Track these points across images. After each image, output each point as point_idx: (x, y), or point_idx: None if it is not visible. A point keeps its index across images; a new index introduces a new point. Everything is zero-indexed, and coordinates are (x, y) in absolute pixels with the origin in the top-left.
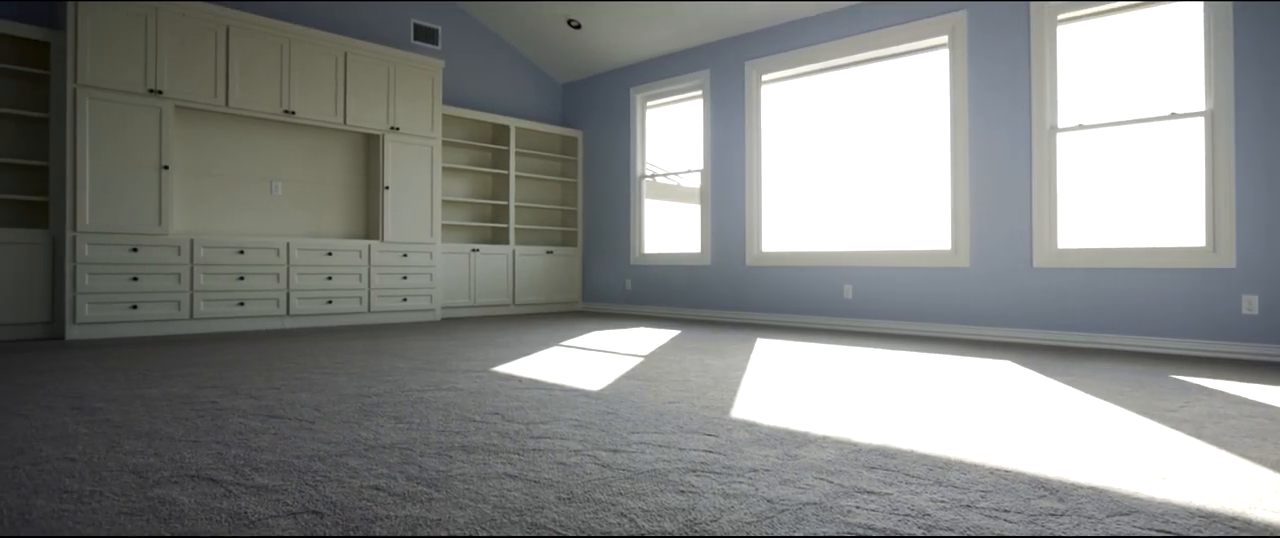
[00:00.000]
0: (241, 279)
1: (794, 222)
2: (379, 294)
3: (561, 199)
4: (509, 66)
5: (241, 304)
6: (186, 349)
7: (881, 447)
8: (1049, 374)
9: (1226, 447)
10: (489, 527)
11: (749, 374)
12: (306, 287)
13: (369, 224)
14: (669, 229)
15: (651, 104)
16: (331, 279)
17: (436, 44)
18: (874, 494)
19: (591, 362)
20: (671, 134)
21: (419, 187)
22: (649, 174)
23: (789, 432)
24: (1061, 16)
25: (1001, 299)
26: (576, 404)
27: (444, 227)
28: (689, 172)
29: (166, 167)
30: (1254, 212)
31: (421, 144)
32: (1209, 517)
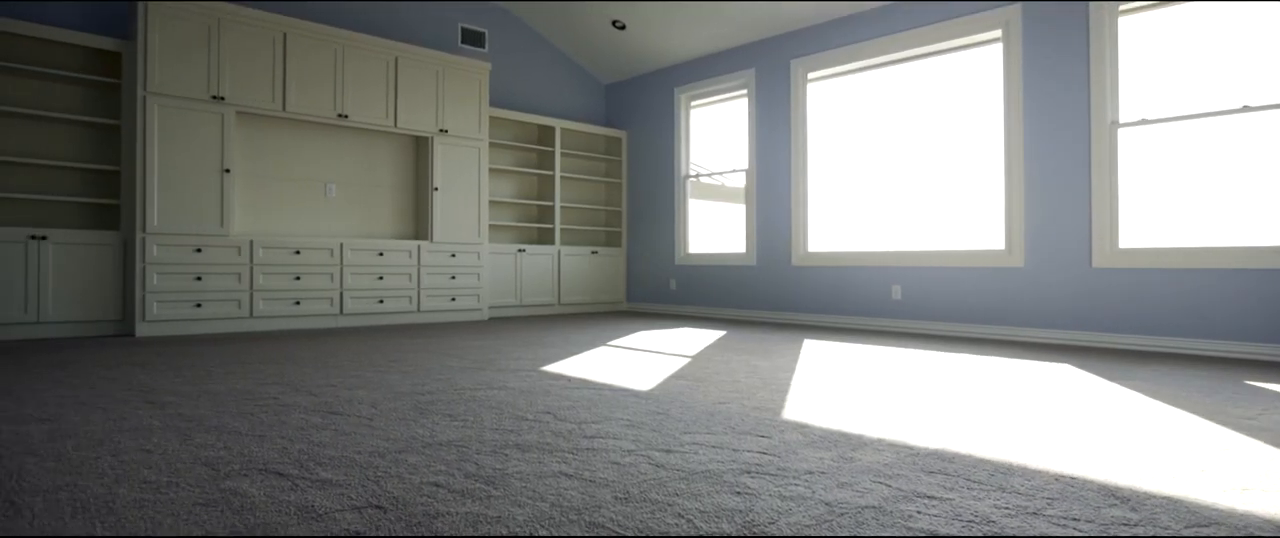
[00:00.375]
0: (297, 279)
1: (840, 221)
2: (428, 294)
3: (606, 199)
4: (554, 68)
5: (297, 303)
6: (246, 347)
7: (939, 451)
8: (1111, 378)
9: None
10: (548, 526)
11: (798, 375)
12: (359, 286)
13: (418, 225)
14: (713, 229)
15: (695, 104)
16: (382, 279)
17: (483, 47)
18: (935, 499)
19: (639, 362)
20: (715, 134)
21: (467, 188)
22: (693, 174)
23: (843, 434)
24: (1123, 8)
25: (1058, 300)
26: (626, 404)
27: (491, 227)
28: (733, 171)
29: (228, 170)
30: None
31: (469, 146)
32: None
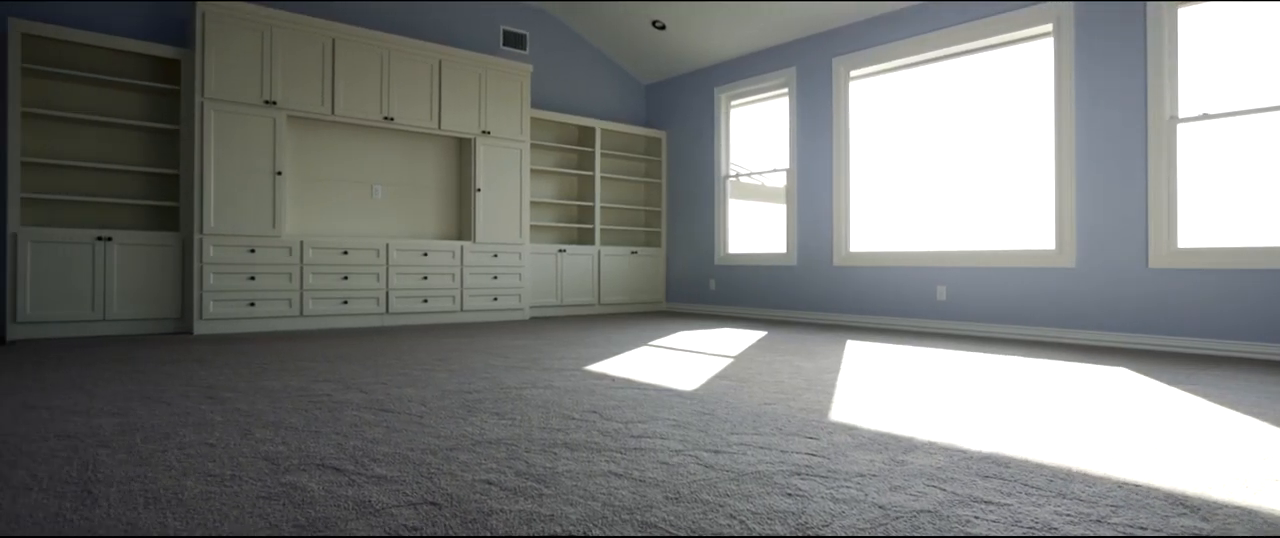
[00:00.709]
0: (345, 279)
1: (884, 221)
2: (471, 294)
3: (645, 200)
4: (594, 69)
5: (345, 302)
6: (298, 345)
7: (993, 455)
8: (1171, 382)
9: None
10: (601, 525)
11: (843, 376)
12: (404, 286)
13: (462, 225)
14: (753, 229)
15: (735, 103)
16: (427, 279)
17: (524, 49)
18: (992, 504)
19: (681, 362)
20: (755, 133)
21: (509, 188)
22: (733, 174)
23: (892, 436)
24: None
25: (1112, 302)
26: (671, 404)
27: (532, 227)
28: (774, 171)
29: (280, 172)
30: None
31: (511, 147)
32: None
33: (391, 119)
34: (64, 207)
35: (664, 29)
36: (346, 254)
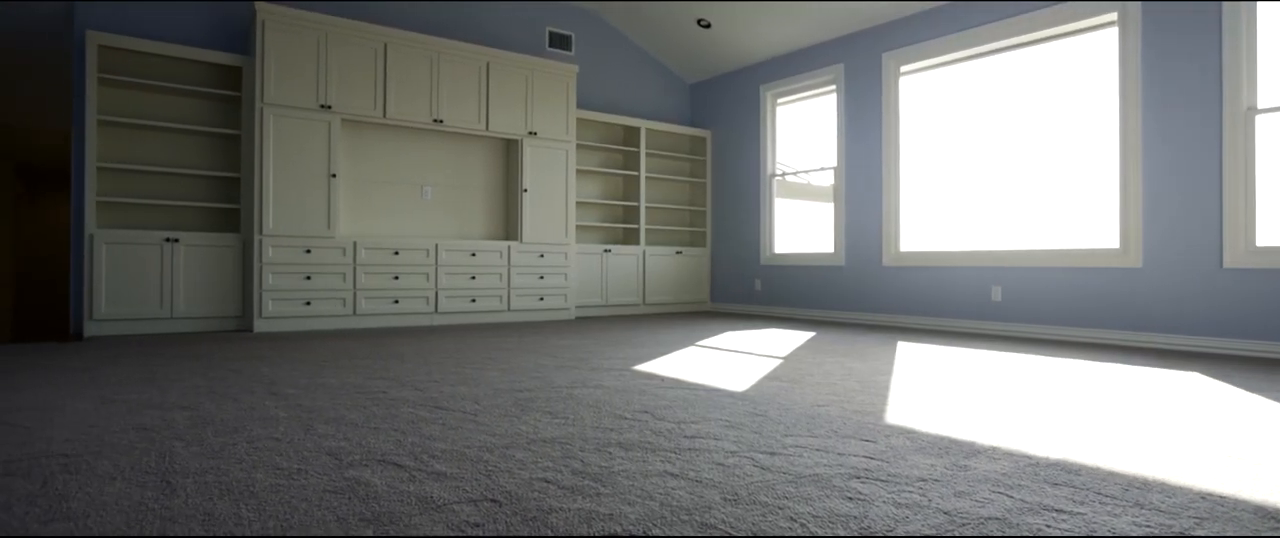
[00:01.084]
0: (396, 278)
1: (935, 220)
2: (517, 293)
3: (690, 199)
4: (638, 69)
5: (396, 302)
6: (351, 343)
7: (1062, 461)
8: (1250, 388)
9: None
10: (660, 525)
11: (897, 378)
12: (452, 286)
13: (508, 226)
14: (800, 228)
15: (782, 101)
16: (474, 279)
17: (570, 50)
18: (1063, 513)
19: (730, 362)
20: (802, 131)
21: (555, 189)
22: (779, 173)
23: (953, 441)
24: None
25: (1182, 303)
26: (723, 405)
27: (577, 228)
28: (821, 169)
29: (334, 175)
30: None
31: (557, 147)
32: None
33: (440, 121)
34: (134, 209)
35: (709, 27)
36: (397, 254)
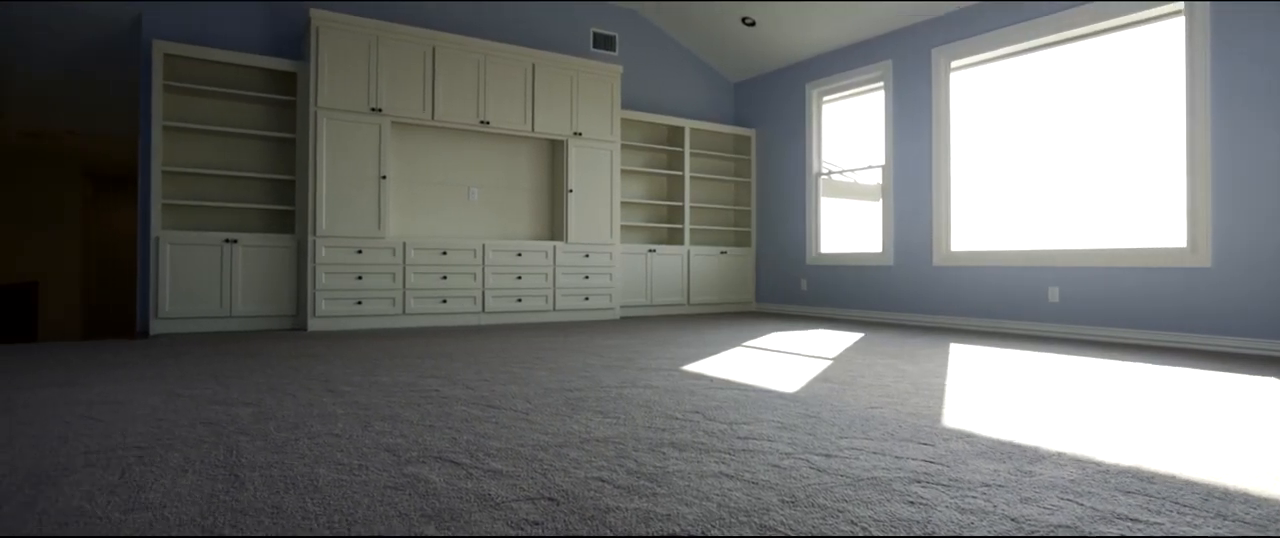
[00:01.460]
0: (444, 278)
1: (988, 218)
2: (562, 293)
3: (735, 199)
4: (682, 68)
5: (444, 301)
6: (402, 342)
7: (1134, 469)
8: None
9: None
10: (718, 526)
11: (951, 381)
12: (499, 286)
13: (554, 226)
14: (846, 228)
15: (827, 99)
16: (520, 279)
17: (614, 50)
18: (1139, 522)
19: (778, 363)
20: (848, 129)
21: (600, 189)
22: (825, 171)
23: (1015, 445)
24: None
25: (1257, 304)
26: (774, 406)
27: (622, 228)
28: (869, 168)
29: (384, 176)
30: None
31: (602, 148)
32: None
33: (487, 123)
34: (196, 211)
35: (753, 25)
36: (445, 255)
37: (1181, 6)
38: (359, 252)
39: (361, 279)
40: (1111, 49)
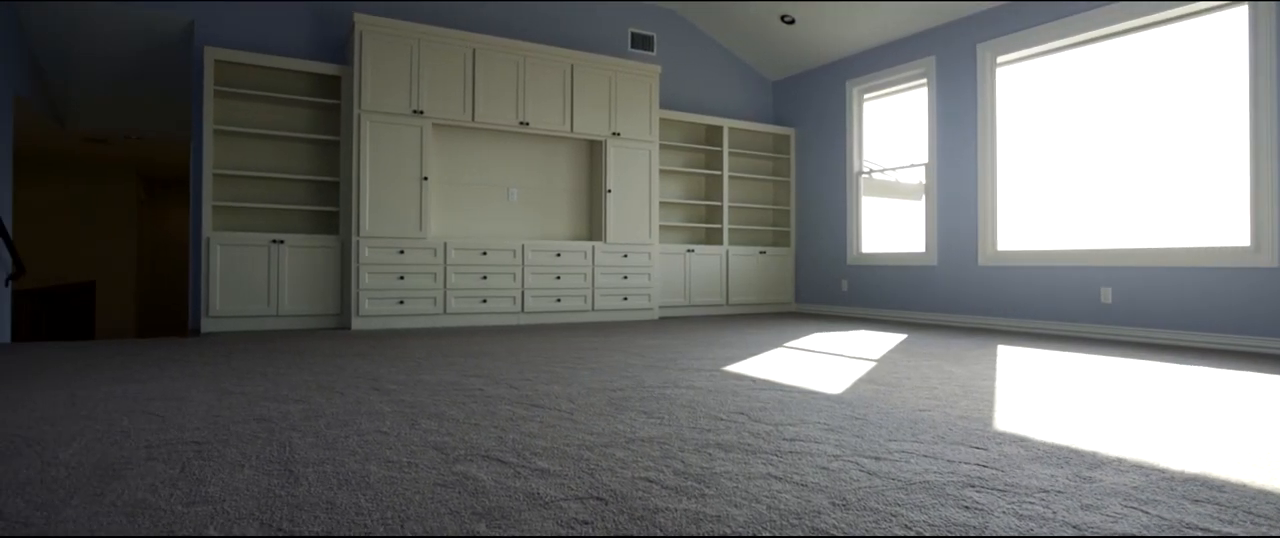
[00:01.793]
0: (484, 278)
1: (1036, 217)
2: (601, 293)
3: (773, 199)
4: (720, 67)
5: (484, 301)
6: (444, 341)
7: (1201, 476)
8: None
9: None
10: (769, 528)
11: (1001, 383)
12: (538, 285)
13: (592, 226)
14: (887, 227)
15: (868, 96)
16: (559, 279)
17: (652, 50)
18: (1211, 532)
19: (821, 364)
20: (889, 127)
21: (638, 189)
22: (866, 170)
23: (1072, 450)
24: None
25: None
26: (819, 407)
27: (660, 227)
28: (911, 166)
29: (426, 178)
30: None
31: (640, 148)
32: None
33: (526, 124)
34: (245, 213)
35: (793, 23)
36: (485, 255)
37: None
38: (401, 252)
39: (403, 279)
40: (1166, 41)
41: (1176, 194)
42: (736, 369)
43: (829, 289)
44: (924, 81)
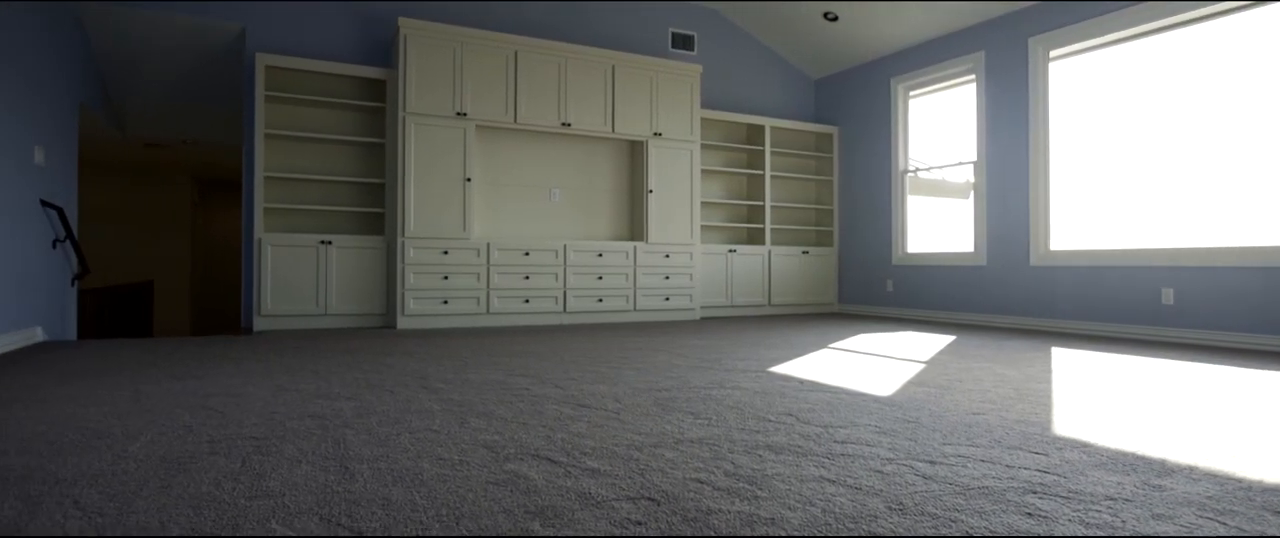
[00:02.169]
0: (526, 278)
1: (1092, 216)
2: (643, 293)
3: (816, 198)
4: (762, 66)
5: (526, 301)
6: (487, 341)
7: None
8: None
9: None
10: (826, 531)
11: (1058, 387)
12: (580, 285)
13: (634, 226)
14: (933, 227)
15: (914, 94)
16: (601, 279)
17: (692, 50)
18: None
19: (868, 365)
20: (935, 125)
21: (679, 189)
22: (911, 169)
23: (1138, 457)
24: None
25: None
26: (869, 409)
27: (702, 228)
28: (959, 164)
29: (469, 179)
30: None
31: (681, 148)
32: None
33: (568, 125)
34: (294, 214)
35: (836, 20)
36: (527, 255)
37: None
38: (445, 252)
39: (447, 279)
40: (1232, 31)
41: (1245, 190)
42: (782, 370)
43: (873, 290)
44: (972, 77)
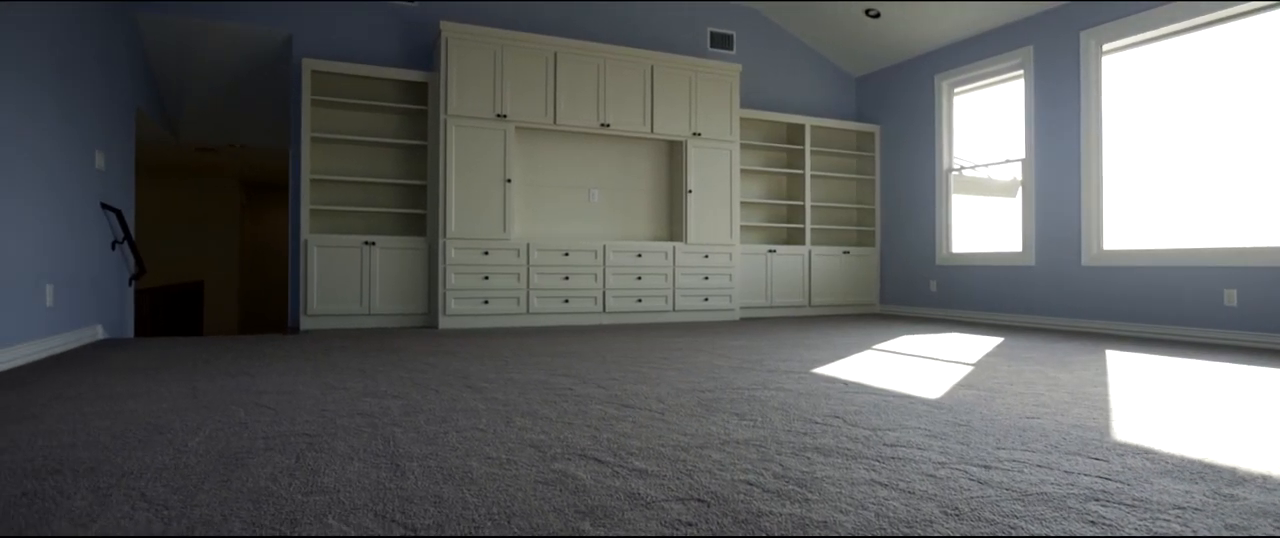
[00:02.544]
0: (566, 279)
1: (1148, 214)
2: (682, 294)
3: (857, 198)
4: (802, 65)
5: (566, 301)
6: (527, 341)
7: None
8: None
9: None
10: (881, 534)
11: (1115, 391)
12: (619, 286)
13: (673, 227)
14: (978, 226)
15: (959, 90)
16: (640, 279)
17: (731, 49)
18: None
19: (914, 367)
20: (980, 122)
21: (719, 189)
22: (956, 167)
23: (1206, 464)
24: None
25: None
26: (918, 412)
27: (741, 228)
28: (1006, 162)
29: (509, 180)
30: None
31: (721, 148)
32: None
33: (607, 125)
34: (338, 216)
35: (878, 17)
36: (567, 256)
37: None
38: (485, 253)
39: (488, 279)
40: None
41: None
42: (826, 372)
43: (916, 290)
44: (1020, 73)
